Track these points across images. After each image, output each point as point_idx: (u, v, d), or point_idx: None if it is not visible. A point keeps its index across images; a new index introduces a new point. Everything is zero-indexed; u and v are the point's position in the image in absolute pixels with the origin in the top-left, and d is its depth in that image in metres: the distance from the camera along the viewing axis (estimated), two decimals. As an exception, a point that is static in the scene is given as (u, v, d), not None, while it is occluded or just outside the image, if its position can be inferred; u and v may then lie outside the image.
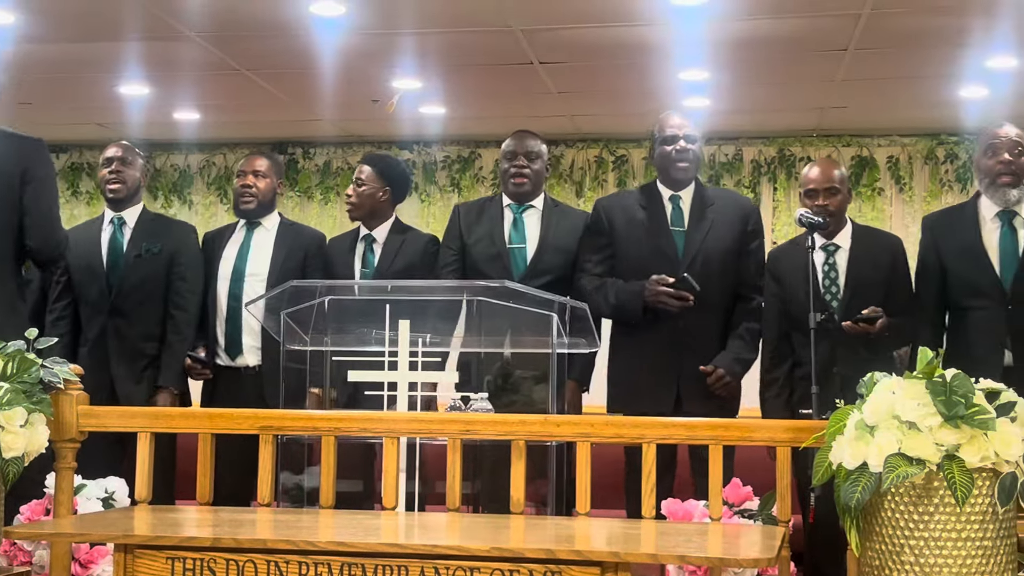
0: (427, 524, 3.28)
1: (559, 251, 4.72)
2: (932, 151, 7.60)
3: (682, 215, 4.64)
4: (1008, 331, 4.34)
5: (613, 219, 4.68)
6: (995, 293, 4.37)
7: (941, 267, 4.51)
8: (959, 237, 4.49)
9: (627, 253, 4.62)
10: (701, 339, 4.53)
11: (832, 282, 4.54)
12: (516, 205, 4.78)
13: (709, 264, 4.55)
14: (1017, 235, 4.42)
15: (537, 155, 4.77)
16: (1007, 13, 5.26)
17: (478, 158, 8.08)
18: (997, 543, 2.71)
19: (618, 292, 4.56)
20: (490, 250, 4.73)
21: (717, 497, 3.37)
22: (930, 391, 2.73)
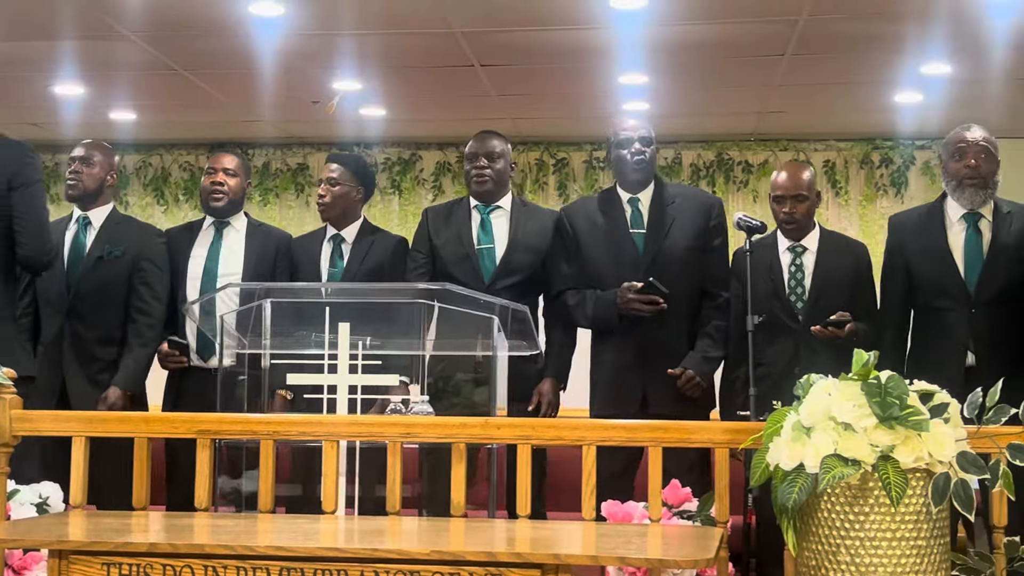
0: (367, 528, 3.26)
1: (528, 250, 4.73)
2: (867, 155, 7.70)
3: (641, 217, 4.65)
4: (971, 333, 4.38)
5: (576, 226, 4.70)
6: (959, 295, 4.41)
7: (906, 268, 4.54)
8: (925, 238, 4.52)
9: (591, 259, 4.64)
10: (668, 339, 4.55)
11: (798, 283, 4.58)
12: (483, 206, 4.78)
13: (671, 263, 4.55)
14: (982, 237, 4.46)
15: (499, 155, 4.76)
16: (941, 20, 5.34)
17: (419, 160, 8.07)
18: (931, 542, 2.75)
19: (595, 304, 4.58)
20: (459, 252, 4.72)
21: (656, 498, 3.39)
22: (865, 393, 2.76)
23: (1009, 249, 4.42)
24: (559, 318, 4.71)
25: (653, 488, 3.39)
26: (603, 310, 4.54)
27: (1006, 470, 2.82)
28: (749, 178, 7.81)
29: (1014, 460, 2.85)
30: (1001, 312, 4.39)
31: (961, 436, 2.79)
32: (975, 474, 2.74)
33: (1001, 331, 4.37)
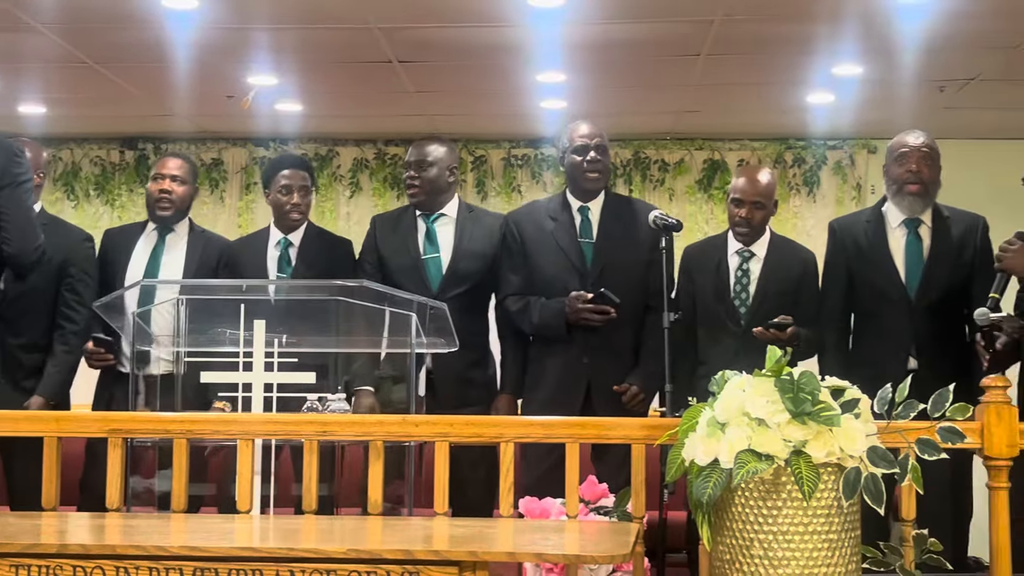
0: (283, 527, 3.23)
1: (475, 257, 4.69)
2: (781, 155, 7.81)
3: (591, 226, 4.63)
4: (912, 336, 4.44)
5: (524, 232, 4.66)
6: (900, 299, 4.47)
7: (848, 272, 4.59)
8: (866, 243, 4.56)
9: (538, 266, 4.61)
10: (612, 351, 4.54)
11: (743, 288, 4.61)
12: (427, 214, 4.73)
13: (618, 275, 4.54)
14: (922, 243, 4.53)
15: (431, 163, 4.68)
16: (852, 22, 5.43)
17: (336, 156, 8.01)
18: (842, 535, 2.79)
19: (541, 311, 4.54)
20: (406, 261, 4.68)
21: (573, 495, 3.41)
22: (778, 389, 2.80)
23: (949, 254, 4.48)
24: (509, 328, 4.69)
25: (570, 485, 3.40)
26: (550, 318, 4.51)
27: (915, 464, 2.88)
28: (665, 176, 7.88)
29: (922, 455, 2.91)
30: (941, 316, 4.46)
31: (871, 431, 2.84)
32: (884, 468, 2.79)
33: (942, 335, 4.44)
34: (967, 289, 4.48)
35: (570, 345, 4.52)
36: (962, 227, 4.53)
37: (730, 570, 2.83)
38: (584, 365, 4.51)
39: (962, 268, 4.48)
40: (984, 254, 4.46)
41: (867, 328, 4.56)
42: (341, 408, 3.83)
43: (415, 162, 4.70)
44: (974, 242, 4.51)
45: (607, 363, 4.51)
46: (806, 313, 4.57)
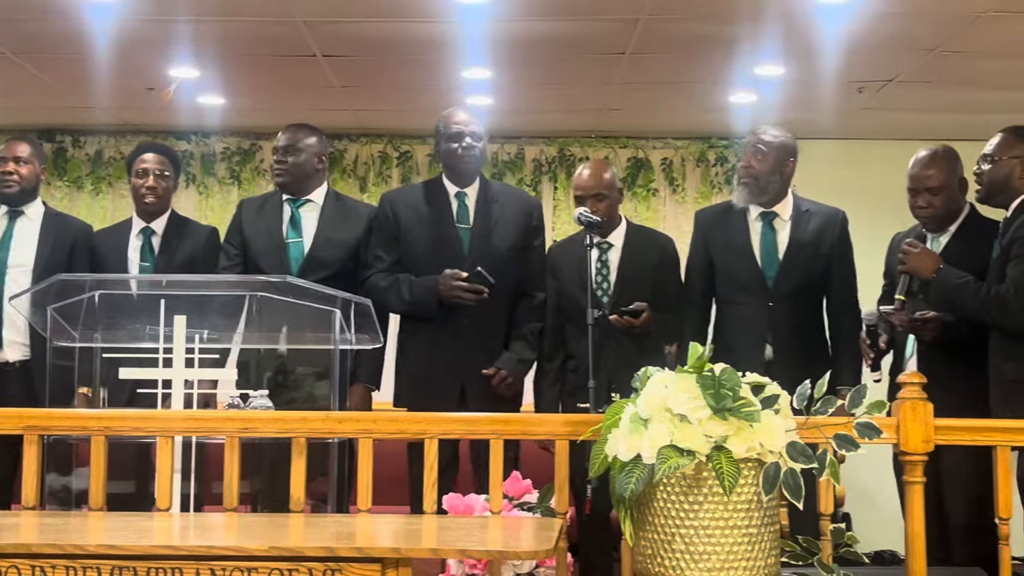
0: (203, 525, 3.20)
1: (337, 245, 4.68)
2: (704, 154, 7.88)
3: (468, 212, 4.68)
4: (769, 326, 4.57)
5: (399, 213, 4.68)
6: (758, 289, 4.59)
7: (709, 261, 4.72)
8: (727, 233, 4.70)
9: (413, 249, 4.63)
10: (486, 336, 4.58)
11: (604, 278, 4.69)
12: (293, 199, 4.72)
13: (494, 260, 4.59)
14: (776, 234, 4.66)
15: (300, 148, 4.69)
16: (774, 22, 5.49)
17: (259, 150, 7.93)
18: (761, 530, 2.83)
19: (412, 288, 4.55)
20: (268, 245, 4.67)
21: (497, 491, 3.41)
22: (700, 385, 2.83)
23: (806, 247, 4.63)
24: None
25: (494, 480, 3.41)
26: (422, 295, 4.53)
27: (832, 459, 2.93)
28: (590, 174, 7.92)
29: (840, 449, 2.96)
30: (797, 307, 4.60)
31: (790, 427, 2.89)
32: (803, 463, 2.83)
33: (797, 325, 4.58)
34: (824, 280, 4.65)
35: (443, 328, 4.54)
36: (820, 220, 4.69)
37: (652, 564, 2.85)
38: (458, 349, 4.53)
39: (819, 260, 4.64)
40: (842, 246, 4.66)
41: (726, 317, 4.69)
42: (263, 405, 3.80)
43: (283, 147, 4.71)
44: (832, 235, 4.66)
45: (481, 347, 4.54)
46: (666, 298, 4.67)
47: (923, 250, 4.26)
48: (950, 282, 4.14)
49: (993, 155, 4.19)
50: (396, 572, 2.57)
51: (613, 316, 4.50)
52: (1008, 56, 5.95)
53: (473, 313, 4.52)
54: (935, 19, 5.44)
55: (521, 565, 3.49)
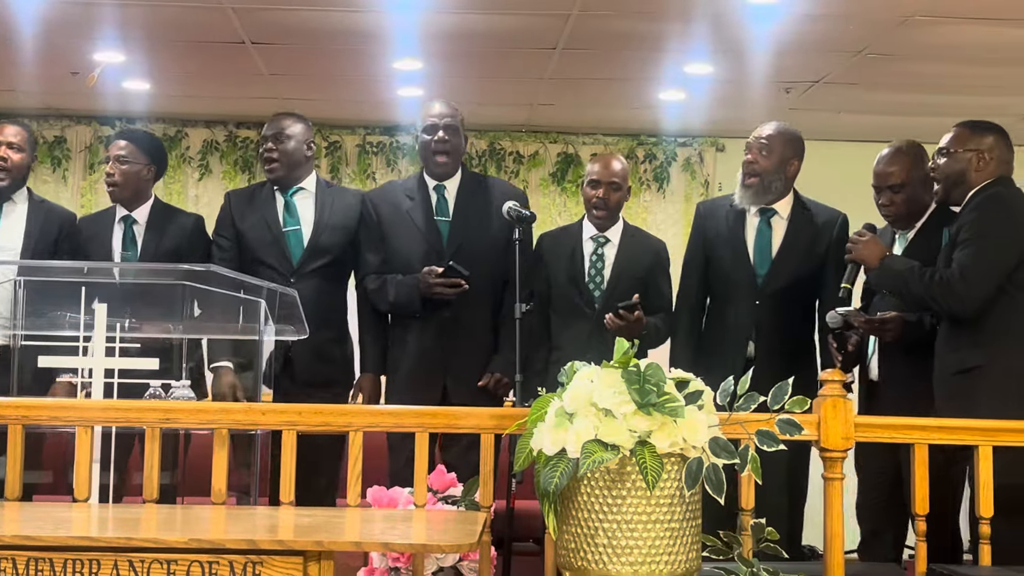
0: (122, 516, 3.15)
1: (336, 230, 4.66)
2: (632, 151, 7.92)
3: (447, 204, 4.64)
4: (754, 324, 4.53)
5: (380, 212, 4.66)
6: (748, 286, 4.55)
7: (706, 256, 4.68)
8: (724, 228, 4.63)
9: (395, 244, 4.62)
10: (469, 330, 4.54)
11: (598, 272, 4.66)
12: (284, 189, 4.68)
13: (475, 252, 4.56)
14: (773, 232, 4.62)
15: (289, 136, 4.65)
16: (704, 22, 5.54)
17: (185, 137, 7.83)
18: (683, 524, 2.85)
19: (396, 288, 4.55)
20: (266, 236, 4.62)
21: (422, 484, 3.41)
22: (625, 380, 2.84)
23: (800, 247, 4.57)
24: (368, 307, 4.66)
25: (419, 474, 3.40)
26: (405, 295, 4.52)
27: (754, 455, 2.95)
28: (520, 168, 7.92)
29: (762, 446, 2.99)
30: (786, 306, 4.55)
31: (713, 422, 2.91)
32: (725, 459, 2.85)
33: (783, 324, 4.54)
34: (817, 281, 4.58)
35: (427, 324, 4.53)
36: (821, 220, 4.62)
37: (575, 558, 2.86)
38: (441, 345, 4.52)
39: (814, 260, 4.57)
40: (839, 248, 4.50)
41: (716, 313, 4.65)
42: (186, 396, 3.75)
43: (273, 135, 4.66)
44: (830, 236, 4.59)
45: (464, 342, 4.54)
46: (657, 301, 4.66)
47: (870, 238, 4.21)
48: (896, 268, 4.08)
49: (949, 148, 4.15)
50: (318, 565, 2.55)
51: (608, 316, 4.45)
52: (934, 59, 6.06)
53: (455, 307, 4.49)
54: (862, 22, 5.52)
55: (444, 558, 3.49)
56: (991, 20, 5.41)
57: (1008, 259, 3.93)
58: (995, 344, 3.91)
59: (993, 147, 4.10)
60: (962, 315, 3.95)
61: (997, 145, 4.11)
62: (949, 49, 5.86)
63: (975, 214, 4.00)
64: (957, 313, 3.96)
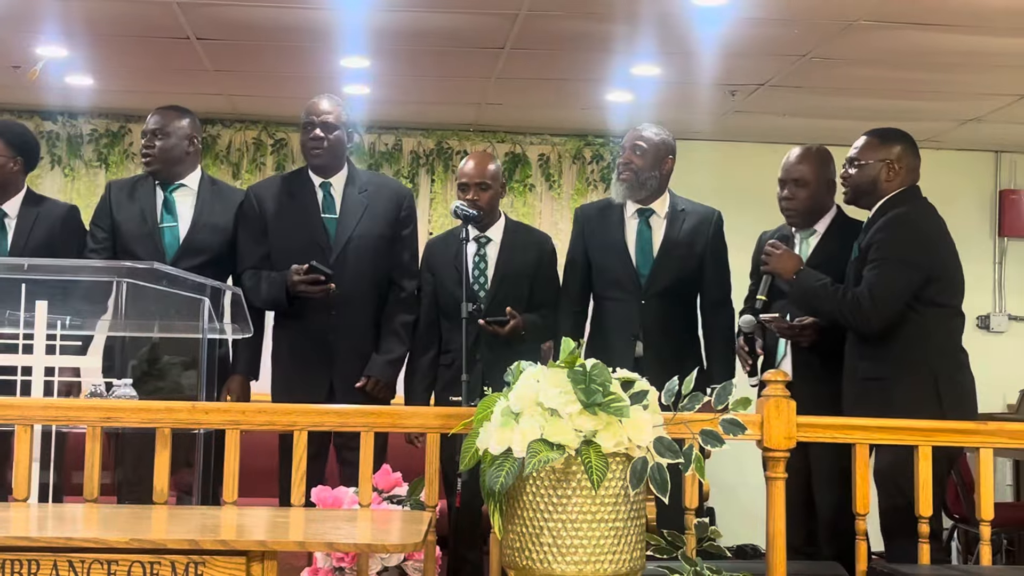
0: (62, 515, 3.11)
1: (215, 230, 4.59)
2: (580, 151, 7.94)
3: (333, 202, 4.62)
4: (640, 323, 4.61)
5: (264, 206, 4.61)
6: (632, 286, 4.64)
7: (586, 257, 4.75)
8: (604, 230, 4.73)
9: (279, 241, 4.57)
10: (354, 328, 4.53)
11: (481, 272, 4.67)
12: (165, 183, 4.61)
13: (361, 250, 4.55)
14: (652, 233, 4.71)
15: (169, 132, 4.56)
16: (651, 23, 5.56)
17: (128, 133, 7.74)
18: (628, 524, 2.86)
19: (269, 285, 4.51)
20: (141, 229, 4.55)
21: (367, 483, 3.39)
22: (571, 379, 2.85)
23: (680, 246, 4.69)
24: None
25: (364, 473, 3.39)
26: (275, 292, 4.49)
27: (698, 455, 2.97)
28: (467, 168, 7.92)
29: (705, 445, 3.01)
30: (669, 305, 4.66)
31: (658, 422, 2.93)
32: (670, 458, 2.87)
33: (668, 323, 4.65)
34: (698, 279, 4.72)
35: (311, 323, 4.52)
36: (696, 219, 4.75)
37: (520, 557, 2.87)
38: (325, 343, 4.50)
39: (693, 259, 4.70)
40: (715, 245, 4.72)
41: (602, 313, 4.75)
42: (127, 394, 3.71)
43: (152, 130, 4.59)
44: (707, 234, 4.72)
45: (349, 340, 4.52)
46: (543, 295, 4.71)
47: (785, 251, 4.34)
48: (809, 284, 4.24)
49: (858, 158, 4.28)
50: (261, 565, 2.53)
51: (481, 321, 4.49)
52: (877, 64, 6.13)
53: (339, 306, 4.48)
54: (807, 26, 5.57)
55: (389, 558, 3.48)
56: (933, 26, 5.48)
57: (915, 279, 4.09)
58: (903, 358, 4.09)
59: (902, 156, 4.26)
60: (869, 332, 4.14)
61: (906, 154, 4.27)
62: (891, 54, 5.94)
63: (883, 236, 4.15)
64: (864, 331, 4.15)
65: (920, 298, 4.10)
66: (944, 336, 4.14)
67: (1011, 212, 7.97)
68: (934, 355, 4.10)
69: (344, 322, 4.50)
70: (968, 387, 4.16)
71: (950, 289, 4.18)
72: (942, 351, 4.12)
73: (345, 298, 4.47)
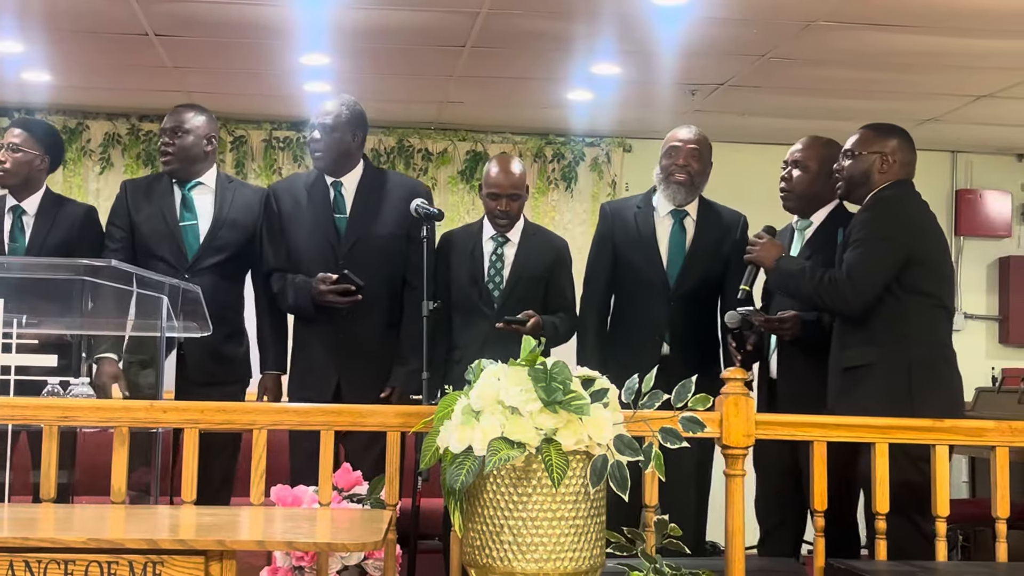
0: (18, 515, 3.08)
1: (235, 227, 4.59)
2: (541, 150, 7.95)
3: (344, 201, 4.61)
4: (668, 323, 4.60)
5: (282, 205, 4.61)
6: (660, 286, 4.62)
7: (614, 255, 4.72)
8: (634, 228, 4.70)
9: (293, 240, 4.57)
10: (364, 330, 4.50)
11: (497, 272, 4.66)
12: (183, 182, 4.61)
13: (372, 250, 4.53)
14: (686, 233, 4.69)
15: (187, 130, 4.58)
16: (611, 22, 5.58)
17: (86, 129, 7.67)
18: (588, 521, 2.87)
19: (295, 291, 4.50)
20: (161, 228, 4.54)
21: (327, 482, 3.39)
22: (532, 378, 2.85)
23: (709, 247, 4.67)
24: (267, 303, 4.61)
25: (324, 472, 3.38)
26: (302, 299, 4.48)
27: (658, 452, 2.99)
28: (429, 166, 7.90)
29: (665, 443, 3.03)
30: (696, 306, 4.65)
31: (618, 420, 2.94)
32: (630, 456, 2.88)
33: (695, 324, 4.64)
34: (720, 281, 4.69)
35: (324, 324, 4.50)
36: (724, 222, 4.74)
37: (480, 556, 2.87)
38: (336, 345, 4.49)
39: (719, 261, 4.68)
40: (739, 249, 4.61)
41: (627, 312, 4.71)
42: (84, 393, 3.68)
43: (170, 129, 4.60)
44: (733, 238, 4.70)
45: (358, 342, 4.50)
46: (556, 300, 4.70)
47: (768, 240, 4.32)
48: (788, 269, 4.20)
49: (853, 150, 4.26)
50: (220, 565, 2.52)
51: (499, 324, 4.47)
52: (836, 64, 6.18)
53: (352, 307, 4.45)
54: (767, 26, 5.60)
55: (349, 557, 3.47)
56: (891, 26, 5.53)
57: (894, 259, 4.03)
58: (883, 344, 4.02)
59: (896, 150, 4.22)
60: (848, 314, 4.08)
61: (900, 148, 4.23)
62: (850, 54, 5.98)
63: (865, 215, 4.13)
64: (843, 312, 4.09)
65: (903, 284, 4.02)
66: (924, 325, 4.04)
67: (967, 212, 8.07)
68: (911, 343, 4.00)
69: (354, 323, 4.47)
70: (948, 383, 4.05)
71: (934, 277, 4.08)
72: (919, 340, 4.02)
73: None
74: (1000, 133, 7.60)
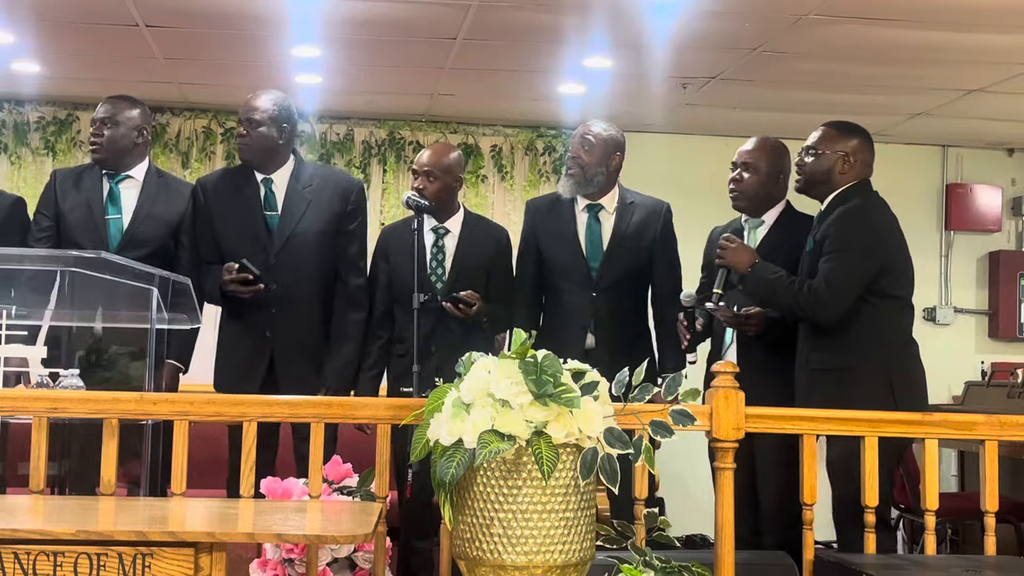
0: (7, 507, 3.07)
1: (158, 222, 4.56)
2: (532, 142, 7.95)
3: (274, 198, 4.59)
4: (592, 315, 4.64)
5: (209, 200, 4.59)
6: (583, 279, 4.67)
7: (538, 250, 4.77)
8: (556, 223, 4.76)
9: (223, 236, 4.55)
10: (295, 324, 4.51)
11: (439, 263, 4.66)
12: (112, 174, 4.57)
13: (303, 246, 4.53)
14: (601, 226, 4.73)
15: (118, 121, 4.53)
16: (603, 16, 5.57)
17: (76, 121, 7.64)
18: (578, 514, 2.88)
19: (207, 279, 4.51)
20: (87, 219, 4.51)
21: (317, 475, 3.38)
22: (522, 371, 2.85)
23: (629, 239, 4.73)
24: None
25: (314, 464, 3.38)
26: (210, 286, 4.50)
27: (648, 445, 2.99)
28: (420, 158, 7.91)
29: (655, 436, 3.03)
30: (620, 297, 4.70)
31: (609, 413, 2.94)
32: (620, 449, 2.88)
33: (619, 315, 4.69)
34: (648, 271, 4.76)
35: (255, 316, 4.51)
36: (645, 212, 4.79)
37: (470, 548, 2.87)
38: (265, 337, 4.50)
39: (642, 252, 4.75)
40: (665, 237, 4.76)
41: (554, 305, 4.78)
42: (74, 384, 3.67)
43: (100, 119, 4.56)
44: (655, 227, 4.76)
45: (291, 334, 4.51)
46: (499, 289, 4.72)
47: (739, 245, 4.39)
48: (765, 277, 4.28)
49: (816, 148, 4.32)
50: (210, 557, 2.52)
51: (446, 303, 4.48)
52: (827, 58, 6.18)
53: (280, 302, 4.47)
54: (758, 20, 5.61)
55: (339, 549, 3.47)
56: (883, 20, 5.54)
57: (868, 270, 4.16)
58: (857, 347, 4.15)
59: (858, 149, 4.31)
60: (826, 322, 4.19)
61: (861, 147, 4.33)
62: (841, 48, 5.99)
63: (837, 227, 4.21)
64: (822, 321, 4.20)
65: (873, 290, 4.16)
66: (895, 327, 4.21)
67: (957, 206, 8.08)
68: (886, 346, 4.16)
69: (285, 318, 4.48)
70: (919, 378, 4.23)
71: (901, 281, 4.24)
72: (894, 342, 4.18)
73: (286, 294, 4.46)
74: (991, 127, 7.62)
